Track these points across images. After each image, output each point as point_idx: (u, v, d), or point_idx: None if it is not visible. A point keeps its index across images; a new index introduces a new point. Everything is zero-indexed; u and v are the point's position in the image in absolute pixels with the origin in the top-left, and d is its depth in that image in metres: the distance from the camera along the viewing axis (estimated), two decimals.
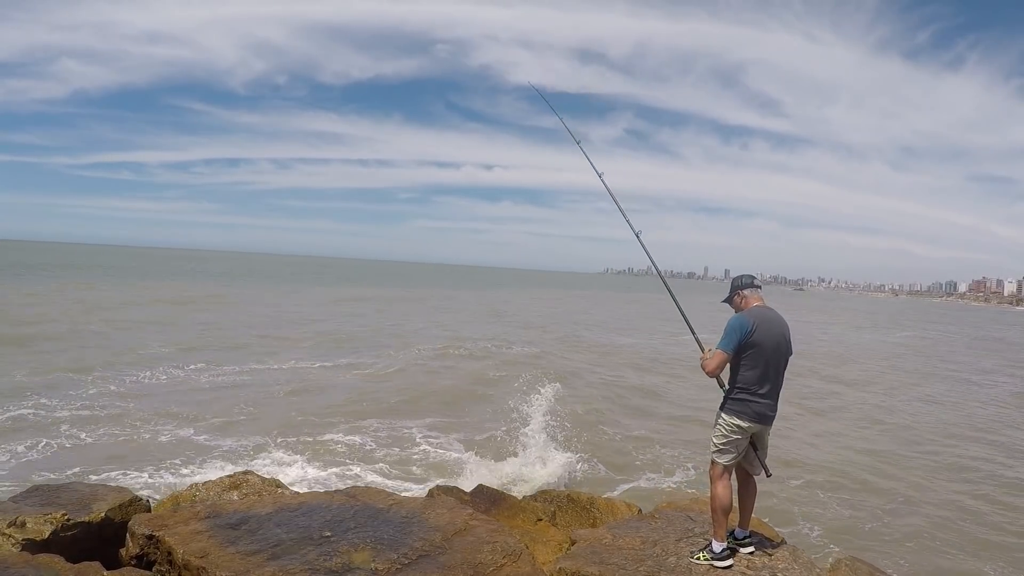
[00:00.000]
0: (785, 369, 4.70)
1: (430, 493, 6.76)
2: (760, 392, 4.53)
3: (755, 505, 4.97)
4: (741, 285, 4.86)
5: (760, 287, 4.92)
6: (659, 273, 5.89)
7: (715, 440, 4.65)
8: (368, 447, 11.31)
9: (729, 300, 4.93)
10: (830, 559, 6.42)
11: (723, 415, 4.61)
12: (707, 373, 4.57)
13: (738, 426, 4.55)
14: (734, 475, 4.82)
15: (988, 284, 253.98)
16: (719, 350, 4.51)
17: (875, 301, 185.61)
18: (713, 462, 4.66)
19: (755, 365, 4.51)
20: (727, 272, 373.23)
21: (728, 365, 4.59)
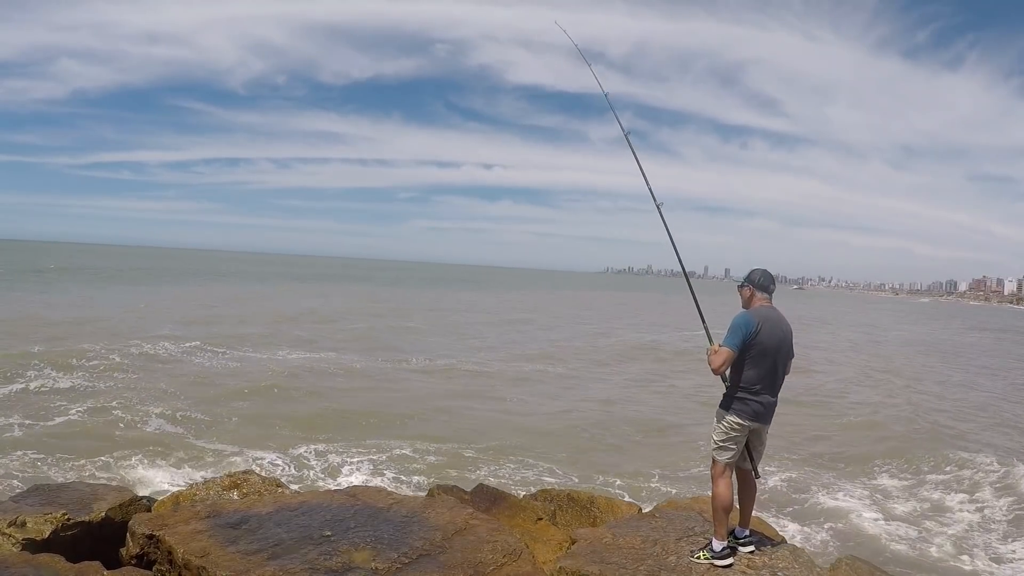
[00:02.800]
0: (786, 370, 4.69)
1: (430, 492, 6.75)
2: (761, 392, 4.54)
3: (756, 501, 4.96)
4: (755, 284, 4.71)
5: (772, 292, 4.75)
6: (679, 259, 5.82)
7: (715, 438, 4.64)
8: None
9: (741, 287, 4.80)
10: (831, 559, 6.41)
11: (724, 413, 4.61)
12: (713, 369, 4.53)
13: (739, 424, 4.55)
14: (734, 474, 4.81)
15: (988, 283, 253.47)
16: (725, 347, 4.48)
17: (887, 300, 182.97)
18: (714, 460, 4.66)
19: (758, 365, 4.51)
20: (727, 271, 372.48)
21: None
